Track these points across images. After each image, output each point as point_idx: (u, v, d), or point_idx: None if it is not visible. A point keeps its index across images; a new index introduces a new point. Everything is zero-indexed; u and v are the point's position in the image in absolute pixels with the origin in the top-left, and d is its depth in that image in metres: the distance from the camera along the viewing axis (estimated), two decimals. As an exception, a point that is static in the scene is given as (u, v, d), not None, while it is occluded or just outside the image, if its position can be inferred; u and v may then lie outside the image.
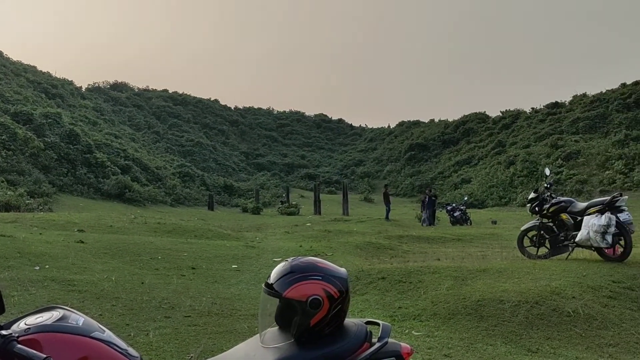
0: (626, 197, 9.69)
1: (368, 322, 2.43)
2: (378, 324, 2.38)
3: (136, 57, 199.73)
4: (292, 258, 2.34)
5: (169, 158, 59.82)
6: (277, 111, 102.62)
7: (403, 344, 2.35)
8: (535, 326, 6.50)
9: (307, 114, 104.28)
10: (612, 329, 6.53)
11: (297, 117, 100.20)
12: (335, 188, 65.44)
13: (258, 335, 2.34)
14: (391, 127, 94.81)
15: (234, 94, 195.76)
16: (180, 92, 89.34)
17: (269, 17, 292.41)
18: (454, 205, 29.83)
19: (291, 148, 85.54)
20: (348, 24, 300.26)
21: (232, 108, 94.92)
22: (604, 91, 61.95)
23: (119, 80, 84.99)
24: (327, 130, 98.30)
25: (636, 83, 58.83)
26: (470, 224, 27.11)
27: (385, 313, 7.23)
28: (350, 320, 2.37)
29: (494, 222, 27.57)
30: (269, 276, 2.30)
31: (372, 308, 7.49)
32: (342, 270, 2.35)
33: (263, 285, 2.31)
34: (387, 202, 28.88)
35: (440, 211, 30.89)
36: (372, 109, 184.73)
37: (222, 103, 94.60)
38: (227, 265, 11.16)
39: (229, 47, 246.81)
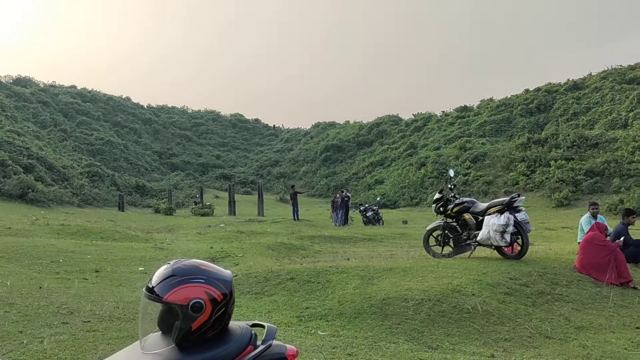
0: (523, 197, 10.17)
1: (254, 325, 2.41)
2: (264, 326, 2.36)
3: (42, 51, 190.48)
4: (174, 261, 2.28)
5: (76, 157, 57.27)
6: (192, 110, 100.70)
7: (289, 346, 2.35)
8: (436, 323, 6.71)
9: (222, 113, 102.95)
10: (507, 324, 6.84)
11: (212, 117, 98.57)
12: (251, 188, 65.09)
13: (139, 341, 2.26)
14: (307, 128, 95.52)
15: (147, 92, 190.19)
16: (90, 89, 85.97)
17: (183, 13, 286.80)
18: (367, 205, 30.32)
19: (206, 148, 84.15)
20: (262, 23, 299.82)
21: (145, 106, 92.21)
22: (509, 96, 64.96)
23: (23, 75, 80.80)
24: (243, 130, 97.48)
25: (538, 89, 62.12)
26: (383, 224, 27.67)
27: (292, 313, 7.24)
28: (235, 323, 2.33)
29: (405, 222, 28.30)
30: (150, 279, 2.23)
31: (279, 309, 7.48)
32: (227, 272, 2.31)
33: (143, 289, 2.24)
34: (295, 203, 28.78)
35: (354, 211, 31.33)
36: (288, 109, 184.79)
37: (135, 101, 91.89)
38: (134, 267, 10.87)
39: (141, 43, 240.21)
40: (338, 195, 28.16)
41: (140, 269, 10.75)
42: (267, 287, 8.49)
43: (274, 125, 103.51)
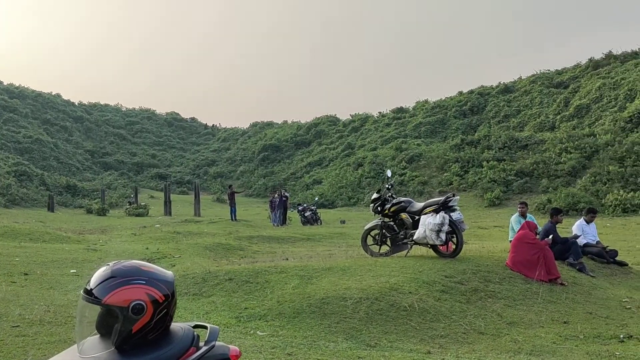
0: (458, 197, 10.43)
1: (196, 326, 2.37)
2: (206, 327, 2.33)
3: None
4: (114, 262, 2.21)
5: (3, 155, 54.86)
6: (126, 108, 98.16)
7: (232, 347, 2.32)
8: (374, 321, 6.79)
9: (157, 111, 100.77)
10: (443, 321, 7.00)
11: (147, 115, 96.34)
12: (187, 188, 64.11)
13: (76, 345, 2.19)
14: (245, 128, 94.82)
15: (78, 89, 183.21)
16: (17, 85, 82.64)
17: (113, 7, 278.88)
18: (305, 205, 30.39)
19: (141, 147, 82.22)
20: (197, 19, 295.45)
21: (76, 103, 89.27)
22: (443, 98, 66.52)
23: (-56, 70, 76.99)
24: (179, 129, 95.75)
25: (471, 92, 63.92)
26: (321, 223, 27.79)
27: (231, 314, 7.18)
28: (177, 325, 2.29)
29: (343, 222, 28.52)
30: (89, 281, 2.16)
31: (218, 310, 7.41)
32: (169, 273, 2.26)
33: (81, 291, 2.16)
34: (232, 203, 28.59)
35: (292, 211, 31.35)
36: (225, 109, 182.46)
37: (65, 98, 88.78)
38: (65, 270, 10.53)
39: (69, 37, 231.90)
40: (276, 195, 28.11)
41: (72, 271, 10.43)
42: (205, 288, 8.39)
43: (212, 125, 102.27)
